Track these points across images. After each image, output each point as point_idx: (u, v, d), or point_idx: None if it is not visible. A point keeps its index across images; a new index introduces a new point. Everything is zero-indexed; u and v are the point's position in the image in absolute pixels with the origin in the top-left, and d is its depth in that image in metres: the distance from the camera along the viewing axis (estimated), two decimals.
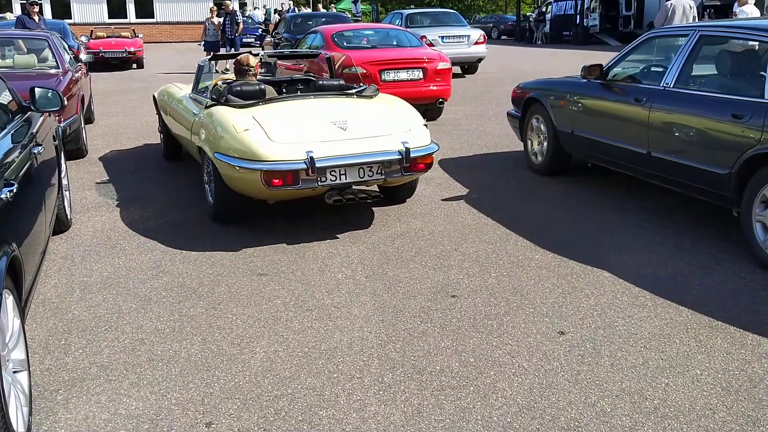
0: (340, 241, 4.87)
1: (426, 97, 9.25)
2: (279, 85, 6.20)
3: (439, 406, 2.86)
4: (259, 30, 27.72)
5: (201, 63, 6.56)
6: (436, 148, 5.12)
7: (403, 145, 4.83)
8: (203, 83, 6.41)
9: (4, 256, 2.55)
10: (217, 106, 5.26)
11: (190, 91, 6.44)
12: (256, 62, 6.09)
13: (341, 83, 5.98)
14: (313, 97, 5.48)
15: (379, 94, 5.73)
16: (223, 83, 5.94)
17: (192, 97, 6.20)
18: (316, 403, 2.89)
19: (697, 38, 4.89)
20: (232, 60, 7.05)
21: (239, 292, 4.04)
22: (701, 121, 4.56)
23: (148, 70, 19.51)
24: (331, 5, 25.65)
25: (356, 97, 5.56)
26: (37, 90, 4.45)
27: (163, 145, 7.59)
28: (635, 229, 4.97)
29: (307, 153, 4.61)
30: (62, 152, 5.22)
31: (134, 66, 20.43)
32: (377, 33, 11.02)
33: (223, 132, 4.92)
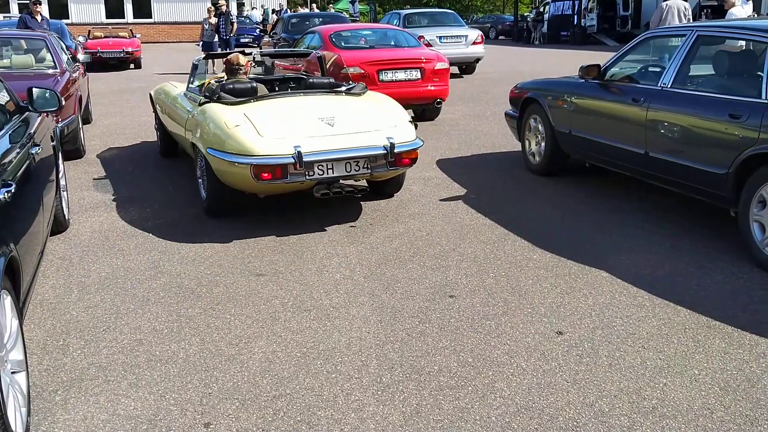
0: (338, 241, 4.87)
1: (424, 97, 9.25)
2: (271, 83, 6.33)
3: (438, 406, 2.86)
4: (257, 30, 27.69)
5: (195, 62, 6.70)
6: (421, 144, 5.25)
7: (388, 141, 4.96)
8: (197, 82, 6.55)
9: (2, 256, 2.55)
10: (210, 104, 5.41)
11: (185, 89, 6.56)
12: (246, 61, 6.27)
13: (331, 81, 6.11)
14: (302, 94, 5.65)
15: (368, 92, 5.89)
16: (215, 82, 6.09)
17: (186, 95, 6.31)
18: (314, 403, 2.90)
19: (694, 38, 4.90)
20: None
21: (237, 292, 4.04)
22: (699, 121, 4.57)
23: (146, 70, 19.51)
24: (329, 5, 25.57)
25: (345, 94, 5.72)
26: (34, 90, 4.45)
27: (159, 142, 7.71)
28: (633, 229, 4.98)
29: (295, 148, 4.74)
30: (60, 152, 5.22)
31: (132, 66, 20.43)
32: (375, 33, 11.01)
33: (215, 128, 5.05)
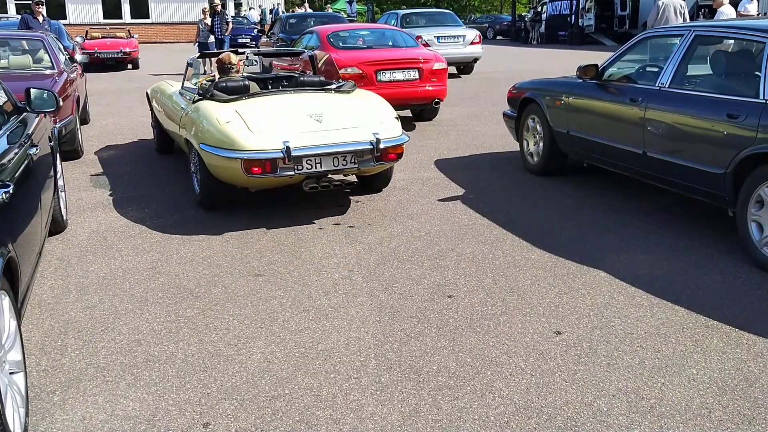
0: (336, 241, 4.87)
1: (422, 97, 9.24)
2: (264, 81, 6.47)
3: (437, 406, 2.86)
4: (255, 30, 27.65)
5: (190, 60, 6.91)
6: (407, 139, 5.44)
7: (374, 136, 5.13)
8: (192, 80, 6.74)
9: (0, 257, 2.55)
10: (203, 101, 5.56)
11: (180, 87, 6.73)
12: (238, 60, 6.52)
13: (321, 79, 6.30)
14: (293, 92, 5.82)
15: (357, 89, 6.09)
16: (207, 81, 6.31)
17: (181, 93, 6.48)
18: (313, 403, 2.90)
19: (692, 38, 4.91)
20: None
21: (236, 292, 4.04)
22: (696, 121, 4.58)
23: (144, 70, 19.48)
24: (327, 5, 25.54)
25: (334, 92, 5.90)
26: (32, 91, 4.45)
27: (156, 139, 7.89)
28: (631, 229, 4.98)
29: (284, 143, 4.91)
30: (58, 153, 5.21)
31: (129, 66, 20.40)
32: (373, 33, 11.00)
33: (207, 124, 5.22)
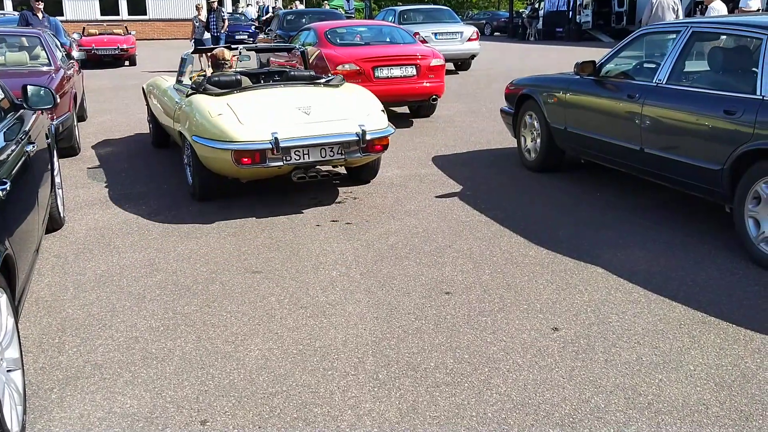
0: (334, 238, 4.87)
1: (419, 94, 9.23)
2: (256, 76, 6.56)
3: (434, 402, 2.86)
4: (252, 27, 27.60)
5: (184, 56, 7.05)
6: (392, 131, 5.63)
7: (360, 128, 5.32)
8: (186, 75, 6.89)
9: None
10: (196, 95, 5.72)
11: (174, 82, 6.90)
12: (231, 56, 6.72)
13: (311, 74, 6.47)
14: (283, 86, 5.96)
15: (345, 83, 6.23)
16: (199, 77, 6.53)
17: (175, 88, 6.63)
18: (311, 400, 2.90)
19: (689, 34, 4.91)
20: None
21: (233, 289, 4.03)
22: (694, 117, 4.58)
23: (141, 67, 19.44)
24: (324, 2, 25.47)
25: (323, 86, 6.05)
26: (29, 88, 4.43)
27: (151, 133, 8.04)
28: (628, 225, 4.99)
29: (272, 134, 5.08)
30: (55, 150, 5.20)
31: (127, 63, 20.37)
32: (370, 30, 10.98)
33: (200, 117, 5.39)
